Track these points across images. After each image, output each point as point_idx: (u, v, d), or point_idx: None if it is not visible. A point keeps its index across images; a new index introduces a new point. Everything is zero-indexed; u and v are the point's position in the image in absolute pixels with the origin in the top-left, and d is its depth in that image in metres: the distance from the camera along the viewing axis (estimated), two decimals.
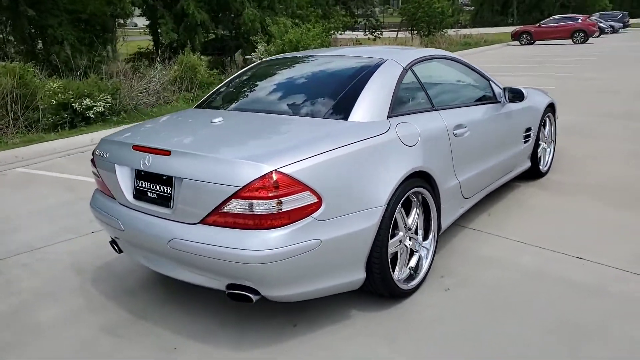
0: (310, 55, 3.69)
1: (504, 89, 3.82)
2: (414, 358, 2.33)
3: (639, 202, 4.05)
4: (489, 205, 4.09)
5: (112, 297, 2.98)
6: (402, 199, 2.61)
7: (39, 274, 3.32)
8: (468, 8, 48.89)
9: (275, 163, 2.19)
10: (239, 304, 2.57)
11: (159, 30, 16.07)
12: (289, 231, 2.19)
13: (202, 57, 13.45)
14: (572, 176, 4.76)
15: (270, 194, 2.14)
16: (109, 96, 8.16)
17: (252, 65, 3.76)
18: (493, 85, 3.84)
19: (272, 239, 2.17)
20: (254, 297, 2.30)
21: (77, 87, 8.14)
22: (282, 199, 2.15)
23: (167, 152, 2.42)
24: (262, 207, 2.15)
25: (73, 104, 7.83)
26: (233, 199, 2.18)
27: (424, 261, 2.89)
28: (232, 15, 17.05)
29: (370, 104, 2.76)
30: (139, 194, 2.56)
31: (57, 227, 4.10)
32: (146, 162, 2.47)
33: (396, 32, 28.86)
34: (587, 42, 25.70)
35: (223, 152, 2.39)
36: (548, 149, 4.81)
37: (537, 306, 2.69)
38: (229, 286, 2.33)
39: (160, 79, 9.84)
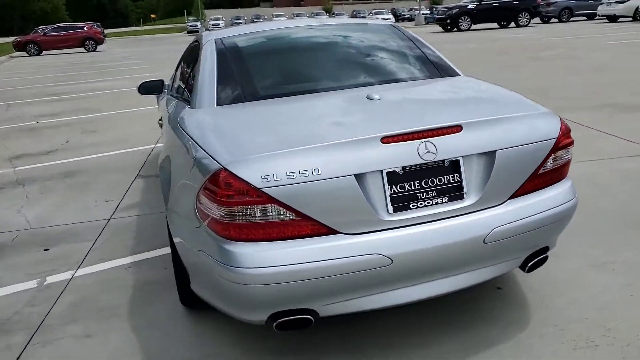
0: (313, 26, 2.95)
1: None
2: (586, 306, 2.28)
3: None
4: None
5: None
6: None
7: None
8: None
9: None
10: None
11: None
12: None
13: None
14: None
15: (568, 140, 2.06)
16: None
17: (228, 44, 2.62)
18: None
19: (572, 187, 2.11)
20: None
21: None
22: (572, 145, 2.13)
23: (456, 129, 1.82)
24: (568, 155, 2.07)
25: None
26: (552, 154, 1.98)
27: None
28: None
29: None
30: (402, 203, 1.78)
31: None
32: (427, 150, 1.77)
33: None
34: (97, 50, 27.13)
35: (506, 110, 2.01)
36: None
37: None
38: (528, 259, 2.05)
39: None
